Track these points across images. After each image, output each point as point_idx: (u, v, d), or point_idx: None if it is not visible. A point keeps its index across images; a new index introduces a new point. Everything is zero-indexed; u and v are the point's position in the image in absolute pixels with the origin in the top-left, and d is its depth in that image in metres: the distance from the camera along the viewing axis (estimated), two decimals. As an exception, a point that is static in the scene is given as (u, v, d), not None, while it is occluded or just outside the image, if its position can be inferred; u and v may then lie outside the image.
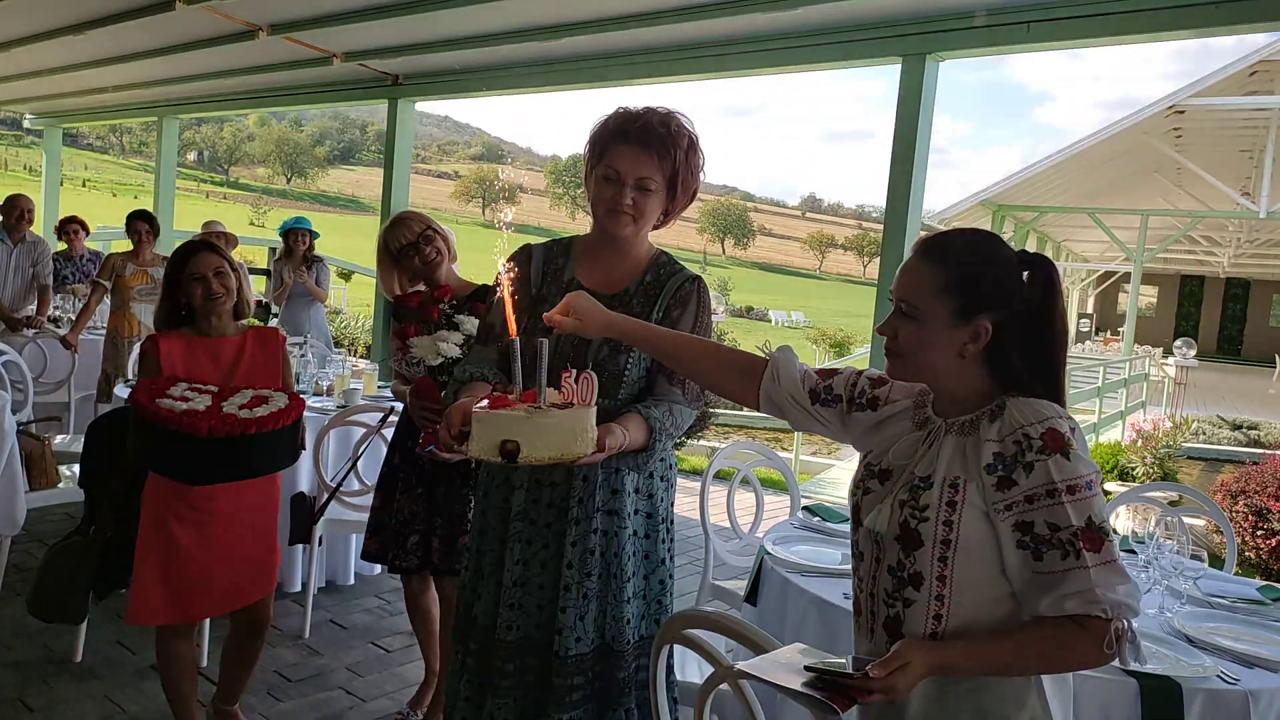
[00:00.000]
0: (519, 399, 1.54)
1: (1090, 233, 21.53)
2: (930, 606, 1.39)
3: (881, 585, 1.46)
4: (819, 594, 2.10)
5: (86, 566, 2.62)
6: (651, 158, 1.85)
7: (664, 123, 1.87)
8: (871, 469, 1.53)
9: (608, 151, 1.88)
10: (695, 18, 4.43)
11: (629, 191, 1.86)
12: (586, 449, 1.53)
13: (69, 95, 8.80)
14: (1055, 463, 1.32)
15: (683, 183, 1.91)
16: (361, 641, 3.63)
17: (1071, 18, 3.77)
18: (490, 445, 1.47)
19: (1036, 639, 1.33)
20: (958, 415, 1.45)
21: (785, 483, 3.49)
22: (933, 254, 1.44)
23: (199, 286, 2.53)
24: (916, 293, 1.43)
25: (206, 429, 2.24)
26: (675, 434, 1.88)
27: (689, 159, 1.90)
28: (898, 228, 4.25)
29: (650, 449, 1.82)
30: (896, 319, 1.45)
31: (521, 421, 1.46)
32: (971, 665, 1.35)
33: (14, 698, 2.96)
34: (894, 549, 1.43)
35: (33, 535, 4.31)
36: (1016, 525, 1.34)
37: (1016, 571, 1.35)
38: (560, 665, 1.87)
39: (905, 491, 1.43)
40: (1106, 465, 8.58)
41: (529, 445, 1.46)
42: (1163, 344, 23.56)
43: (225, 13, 5.40)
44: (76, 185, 70.06)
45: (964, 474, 1.39)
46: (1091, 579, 1.28)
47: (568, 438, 1.49)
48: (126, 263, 5.60)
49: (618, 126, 1.87)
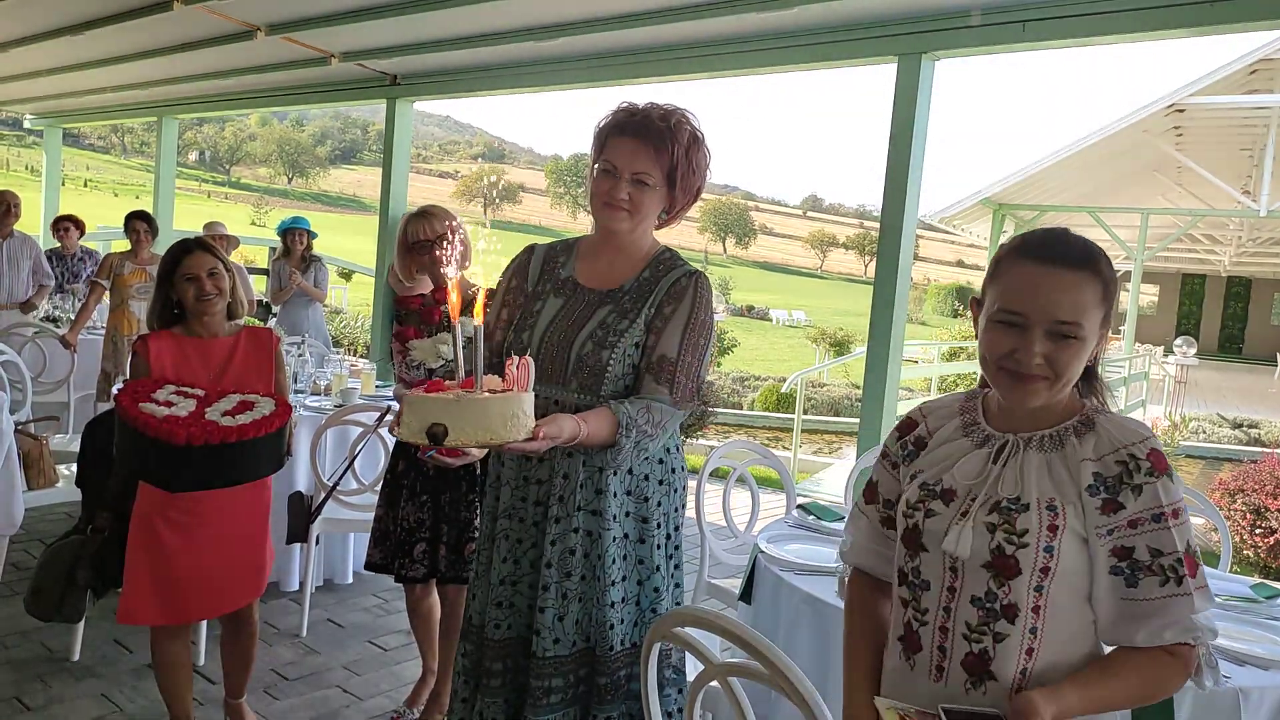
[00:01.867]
0: (459, 385, 1.53)
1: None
2: (1024, 640, 1.29)
3: (961, 618, 1.33)
4: (812, 592, 2.10)
5: (84, 566, 2.62)
6: (649, 151, 1.81)
7: (664, 117, 1.83)
8: (931, 489, 1.39)
9: (607, 144, 1.85)
10: (692, 17, 4.43)
11: (624, 185, 1.82)
12: (518, 435, 1.50)
13: (69, 95, 8.82)
14: (1163, 485, 1.26)
15: (682, 179, 1.86)
16: (359, 640, 3.64)
17: (1067, 17, 3.78)
18: (418, 428, 1.46)
19: (1135, 671, 1.27)
20: (1033, 430, 1.35)
21: (781, 481, 3.49)
22: (1088, 266, 1.30)
23: (191, 286, 2.52)
24: (1084, 311, 1.28)
25: (185, 436, 2.21)
26: (654, 433, 1.79)
27: (690, 155, 1.85)
28: (894, 227, 4.25)
29: (618, 445, 1.75)
30: (1053, 343, 1.28)
31: (449, 405, 1.46)
32: (1085, 708, 1.26)
33: (11, 696, 2.97)
34: (981, 577, 1.31)
35: (31, 534, 4.32)
36: (1114, 550, 1.27)
37: (1104, 600, 1.29)
38: (537, 665, 1.83)
39: (990, 514, 1.31)
40: (1106, 464, 8.57)
41: (456, 428, 1.44)
42: (1163, 342, 23.53)
43: (223, 13, 5.41)
44: (78, 185, 70.11)
45: (1059, 495, 1.30)
46: (1194, 605, 1.24)
47: (496, 422, 1.47)
48: (125, 262, 5.61)
49: (617, 120, 1.85)
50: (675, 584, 1.99)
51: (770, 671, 1.37)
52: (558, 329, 1.87)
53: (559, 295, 1.93)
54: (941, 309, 51.76)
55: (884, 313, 4.32)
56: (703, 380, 1.89)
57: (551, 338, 1.87)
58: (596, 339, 1.84)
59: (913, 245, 4.37)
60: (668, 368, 1.82)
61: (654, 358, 1.83)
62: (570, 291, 1.93)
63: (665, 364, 1.82)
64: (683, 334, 1.84)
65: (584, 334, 1.85)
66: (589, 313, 1.88)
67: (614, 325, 1.85)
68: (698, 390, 1.87)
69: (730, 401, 14.03)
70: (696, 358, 1.85)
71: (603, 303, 1.89)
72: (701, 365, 1.87)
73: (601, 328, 1.85)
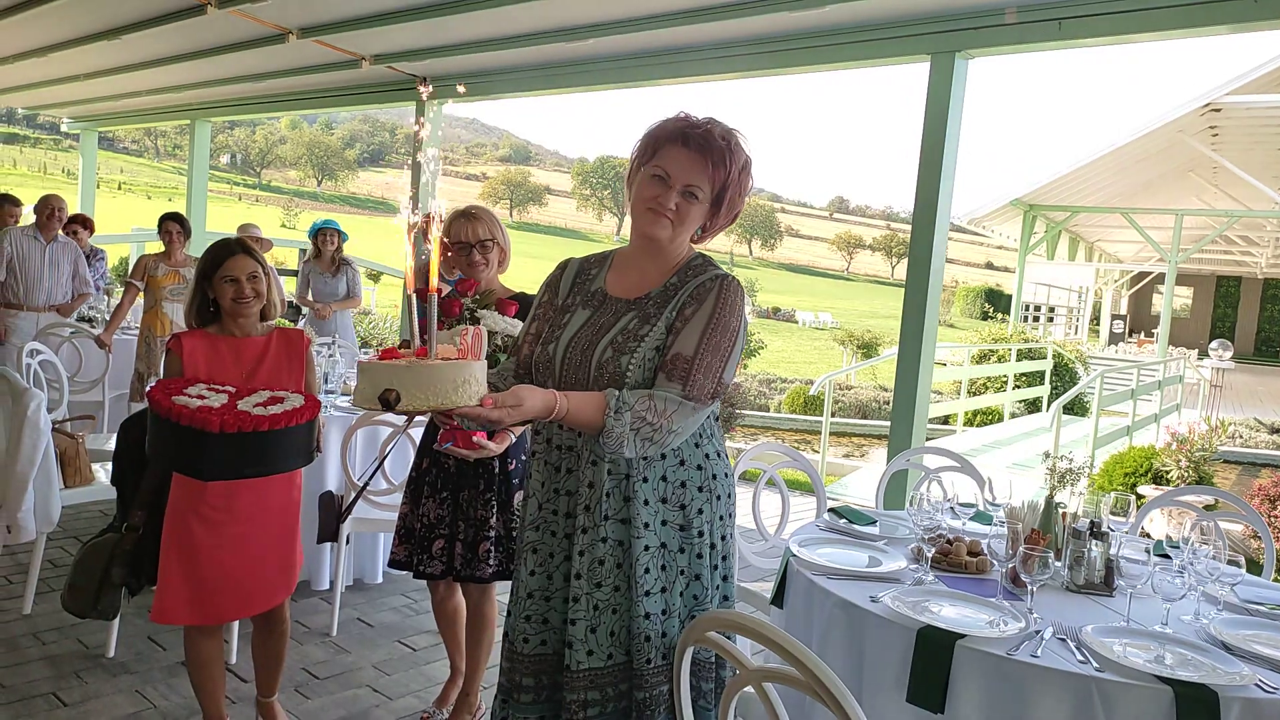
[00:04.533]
0: (414, 354, 1.55)
1: (1124, 233, 21.22)
2: None
3: None
4: (846, 597, 2.07)
5: (119, 563, 2.65)
6: (705, 166, 1.79)
7: (725, 136, 1.82)
8: None
9: (661, 151, 1.82)
10: (721, 17, 4.42)
11: (674, 195, 1.80)
12: (469, 400, 1.52)
13: (104, 99, 8.96)
14: None
15: (729, 200, 1.85)
16: (388, 640, 3.65)
17: (1104, 14, 3.72)
18: (371, 393, 1.49)
19: None
20: None
21: (811, 484, 3.46)
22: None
23: (231, 288, 2.55)
24: None
25: (219, 424, 2.26)
26: (660, 423, 1.72)
27: (741, 178, 1.84)
28: (926, 229, 4.21)
29: (606, 428, 1.69)
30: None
31: (401, 371, 1.48)
32: None
33: (49, 691, 3.01)
34: None
35: (68, 532, 4.39)
36: None
37: None
38: (571, 679, 1.79)
39: None
40: (1141, 468, 8.44)
41: (408, 394, 1.47)
42: (1198, 346, 23.17)
43: (256, 16, 5.47)
44: (112, 188, 71.24)
45: None
46: None
47: (448, 387, 1.49)
48: (158, 263, 5.68)
49: (678, 129, 1.82)
50: (723, 596, 1.92)
51: (806, 677, 1.35)
52: (581, 339, 1.85)
53: (587, 307, 1.91)
54: (970, 311, 51.26)
55: (915, 315, 4.28)
56: (726, 382, 1.83)
57: (575, 347, 1.84)
58: (616, 345, 1.81)
59: (945, 247, 4.33)
60: (681, 364, 1.76)
61: (669, 355, 1.78)
62: (599, 302, 1.91)
63: (679, 361, 1.76)
64: (703, 333, 1.78)
65: (605, 341, 1.82)
66: (613, 321, 1.85)
67: (635, 331, 1.82)
68: (719, 390, 1.81)
69: (757, 404, 13.98)
70: (718, 358, 1.79)
71: (628, 310, 1.86)
72: (725, 366, 1.80)
73: (623, 334, 1.82)
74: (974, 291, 55.92)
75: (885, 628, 1.94)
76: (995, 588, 2.16)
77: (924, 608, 2.00)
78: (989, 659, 1.79)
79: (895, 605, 1.97)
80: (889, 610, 1.96)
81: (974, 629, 1.88)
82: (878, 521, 2.73)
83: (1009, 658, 1.78)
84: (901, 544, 2.53)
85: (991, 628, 1.90)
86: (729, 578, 1.94)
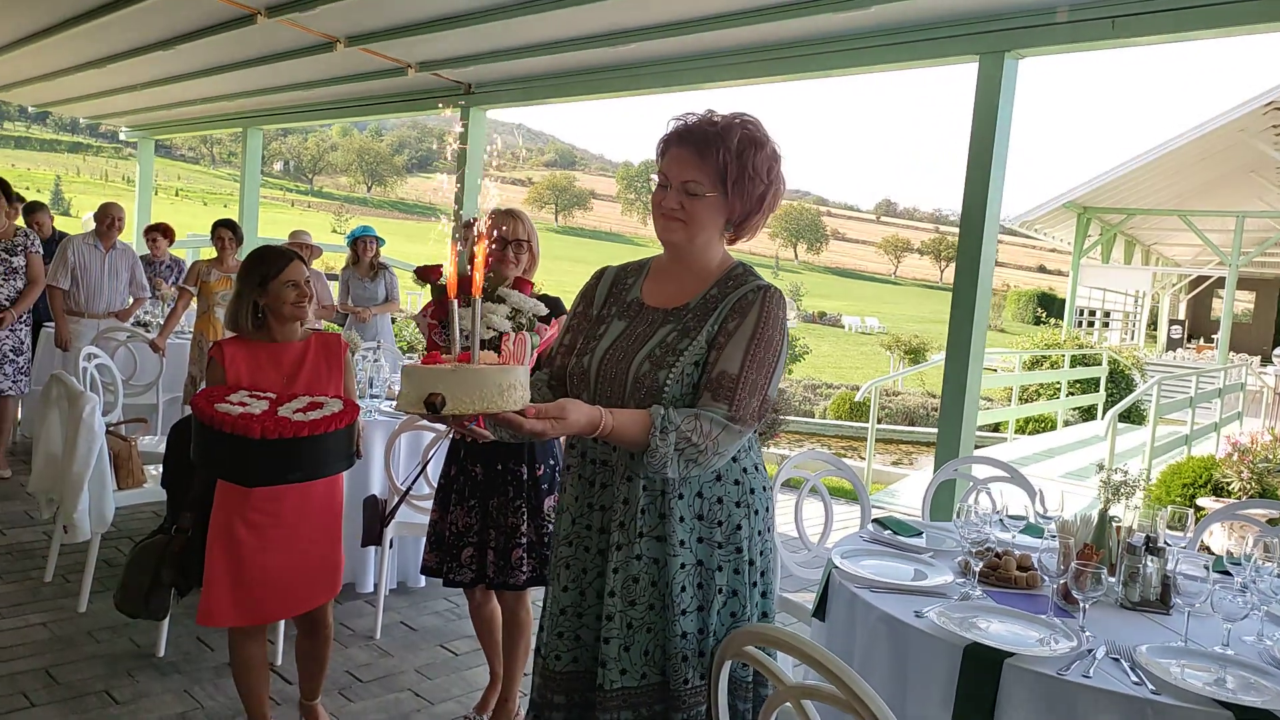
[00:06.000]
0: (456, 359, 1.55)
1: (1181, 235, 20.68)
2: None
3: None
4: (890, 612, 2.03)
5: (168, 565, 2.70)
6: (695, 158, 1.74)
7: (713, 123, 1.75)
8: None
9: (662, 156, 1.81)
10: (767, 19, 4.38)
11: (674, 195, 1.77)
12: (514, 405, 1.51)
13: (161, 108, 9.20)
14: None
15: (734, 183, 1.75)
16: (430, 644, 3.67)
17: (1159, 11, 3.61)
18: (416, 398, 1.48)
19: None
20: None
21: (855, 493, 3.41)
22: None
23: (293, 291, 2.58)
24: None
25: (260, 430, 2.30)
26: (705, 444, 1.67)
27: (741, 159, 1.75)
28: (974, 232, 4.13)
29: (651, 447, 1.64)
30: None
31: (447, 375, 1.47)
32: None
33: (101, 689, 3.08)
34: None
35: (121, 532, 4.49)
36: None
37: None
38: (603, 698, 1.75)
39: None
40: (1200, 479, 8.19)
41: (453, 398, 1.46)
42: (1260, 352, 22.46)
43: (304, 25, 5.56)
44: (170, 195, 73.21)
45: None
46: None
47: (493, 392, 1.48)
48: (211, 269, 5.80)
49: (673, 129, 1.80)
50: (762, 613, 1.86)
51: (847, 695, 1.31)
52: (618, 350, 1.81)
53: (623, 317, 1.88)
54: (1022, 315, 50.37)
55: (964, 320, 4.20)
56: (771, 399, 1.78)
57: (611, 360, 1.81)
58: (654, 359, 1.76)
59: (994, 251, 4.24)
60: (727, 383, 1.71)
61: (714, 374, 1.72)
62: (635, 313, 1.87)
63: (725, 379, 1.71)
64: (746, 349, 1.73)
65: (642, 354, 1.78)
66: (650, 332, 1.81)
67: (674, 344, 1.77)
68: (764, 409, 1.75)
69: (802, 410, 13.86)
70: (763, 375, 1.74)
71: (665, 321, 1.82)
72: (770, 383, 1.75)
73: (661, 347, 1.77)
74: (1026, 296, 54.95)
75: (930, 644, 1.89)
76: (1046, 604, 2.09)
77: (971, 624, 1.95)
78: (1039, 678, 1.73)
79: (941, 621, 1.92)
80: (934, 626, 1.91)
81: (1023, 647, 1.82)
82: (923, 533, 2.67)
83: (1060, 677, 1.72)
84: (948, 557, 2.47)
85: (1042, 646, 1.84)
86: (769, 594, 1.89)
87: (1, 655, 3.25)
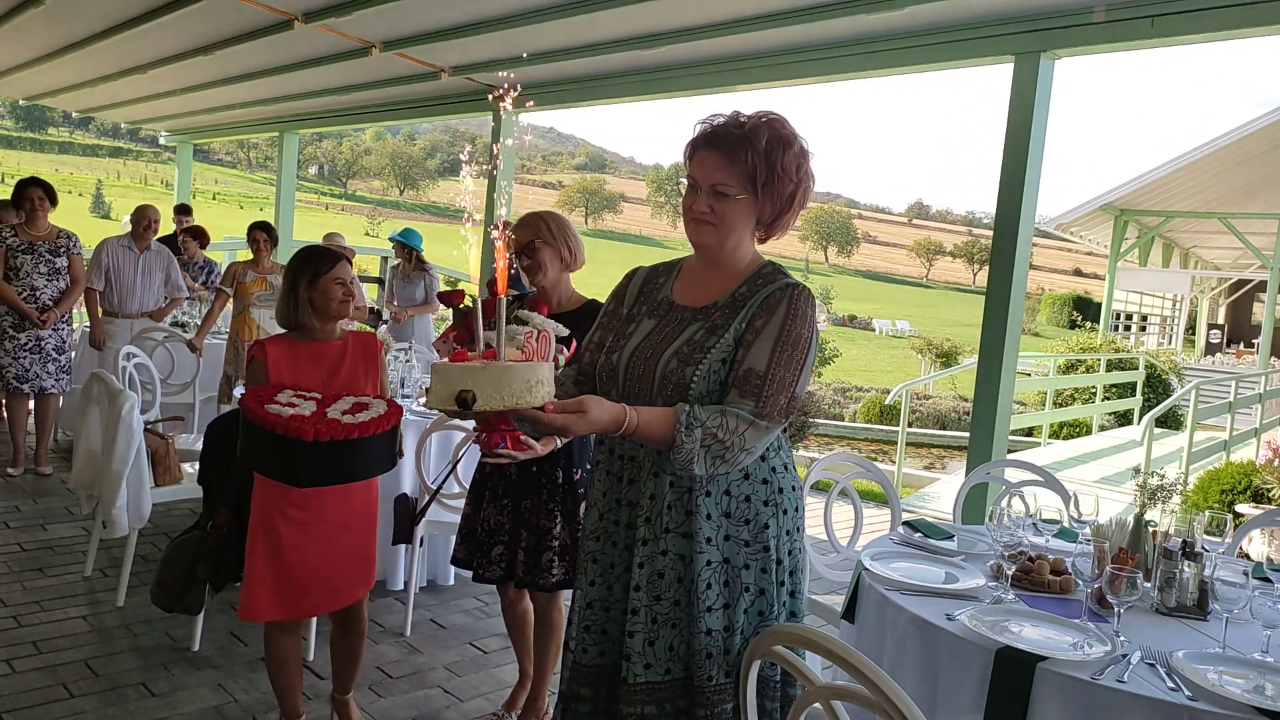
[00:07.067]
0: (480, 356, 1.57)
1: (1222, 238, 20.30)
2: None
3: None
4: (920, 614, 2.01)
5: (203, 560, 2.74)
6: (723, 161, 1.74)
7: (740, 124, 1.75)
8: None
9: (690, 160, 1.82)
10: (799, 21, 4.37)
11: (704, 198, 1.77)
12: (541, 401, 1.53)
13: (199, 113, 9.36)
14: None
15: (764, 184, 1.75)
16: (460, 641, 3.70)
17: (1199, 10, 3.55)
18: (447, 395, 1.50)
19: None
20: None
21: (886, 496, 3.38)
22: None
23: (341, 289, 2.63)
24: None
25: (312, 433, 2.33)
26: (732, 441, 1.67)
27: (769, 159, 1.74)
28: (1009, 234, 4.09)
29: (678, 444, 1.64)
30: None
31: (476, 372, 1.50)
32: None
33: (138, 681, 3.13)
34: None
35: (158, 528, 4.57)
36: None
37: None
38: (627, 692, 1.77)
39: None
40: (1239, 485, 8.03)
41: (484, 395, 1.49)
42: (1303, 357, 21.95)
43: (340, 30, 5.63)
44: (207, 198, 74.39)
45: None
46: None
47: (522, 387, 1.51)
48: (247, 270, 5.88)
49: (700, 133, 1.80)
50: (790, 613, 1.86)
51: (877, 696, 1.31)
52: (646, 348, 1.82)
53: (653, 316, 1.89)
54: (1057, 319, 49.67)
55: (997, 324, 4.15)
56: (799, 396, 1.77)
57: (639, 357, 1.82)
58: (682, 356, 1.77)
59: (1028, 254, 4.19)
60: (754, 380, 1.70)
61: (741, 370, 1.72)
62: (665, 311, 1.88)
63: (752, 377, 1.71)
64: (774, 347, 1.73)
65: (669, 351, 1.78)
66: (679, 330, 1.82)
67: (701, 342, 1.77)
68: (791, 406, 1.74)
69: (831, 413, 13.78)
70: (791, 372, 1.73)
71: (694, 319, 1.83)
72: (797, 381, 1.74)
73: (688, 344, 1.78)
74: (1061, 299, 54.20)
75: (962, 647, 1.87)
76: (1079, 608, 2.07)
77: (1003, 627, 1.93)
78: (1072, 683, 1.71)
79: (973, 624, 1.90)
80: (966, 629, 1.90)
81: (1056, 651, 1.80)
82: (955, 536, 2.65)
83: (1093, 682, 1.70)
84: (980, 560, 2.45)
85: (1075, 650, 1.82)
86: (797, 593, 1.88)
87: (42, 647, 3.32)
